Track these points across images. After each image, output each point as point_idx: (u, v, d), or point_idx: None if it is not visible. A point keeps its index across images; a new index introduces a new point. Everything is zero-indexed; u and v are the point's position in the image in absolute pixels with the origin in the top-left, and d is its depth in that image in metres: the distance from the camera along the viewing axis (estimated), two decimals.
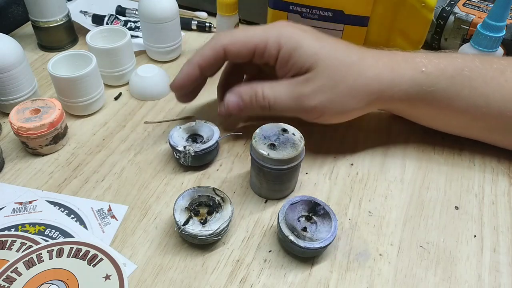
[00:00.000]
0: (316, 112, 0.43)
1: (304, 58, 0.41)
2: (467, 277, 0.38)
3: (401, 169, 0.47)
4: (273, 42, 0.42)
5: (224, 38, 0.43)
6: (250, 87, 0.43)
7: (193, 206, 0.40)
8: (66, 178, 0.46)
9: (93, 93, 0.52)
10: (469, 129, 0.48)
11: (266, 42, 0.42)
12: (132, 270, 0.38)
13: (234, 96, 0.43)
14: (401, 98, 0.44)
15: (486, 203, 0.44)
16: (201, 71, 0.44)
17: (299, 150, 0.40)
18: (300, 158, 0.40)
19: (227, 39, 0.43)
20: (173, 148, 0.45)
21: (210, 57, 0.43)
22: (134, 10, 0.71)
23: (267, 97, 0.42)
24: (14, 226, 0.41)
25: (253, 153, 0.41)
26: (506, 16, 0.49)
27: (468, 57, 0.45)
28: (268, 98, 0.42)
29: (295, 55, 0.42)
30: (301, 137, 0.41)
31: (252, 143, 0.41)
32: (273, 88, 0.43)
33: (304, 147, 0.41)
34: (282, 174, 0.41)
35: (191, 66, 0.44)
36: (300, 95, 0.42)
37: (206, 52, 0.43)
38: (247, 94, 0.43)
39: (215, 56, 0.43)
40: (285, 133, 0.41)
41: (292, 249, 0.38)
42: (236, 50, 0.43)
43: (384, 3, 0.52)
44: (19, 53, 0.50)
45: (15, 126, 0.45)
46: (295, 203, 0.40)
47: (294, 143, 0.40)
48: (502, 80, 0.43)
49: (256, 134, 0.41)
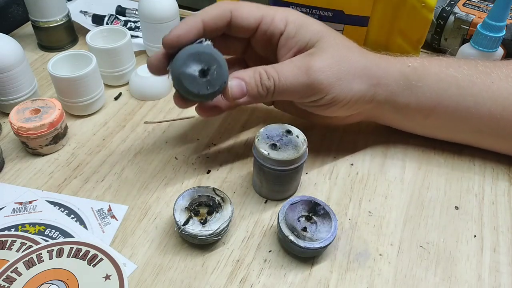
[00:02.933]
0: (323, 90, 0.41)
1: (310, 34, 0.41)
2: (467, 277, 0.38)
3: (401, 169, 0.47)
4: (280, 17, 0.42)
5: (231, 3, 0.42)
6: (252, 69, 0.41)
7: (193, 206, 0.40)
8: (66, 178, 0.46)
9: (93, 93, 0.52)
10: (460, 132, 0.47)
11: (274, 15, 0.42)
12: (132, 270, 0.38)
13: (237, 79, 0.40)
14: (394, 92, 0.44)
15: (486, 203, 0.44)
16: (204, 27, 0.40)
17: (301, 152, 0.40)
18: (301, 160, 0.40)
19: (235, 5, 0.41)
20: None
21: (216, 15, 0.40)
22: (134, 10, 0.71)
23: (271, 75, 0.40)
24: (14, 226, 0.41)
25: (254, 152, 0.41)
26: (506, 16, 0.49)
27: (452, 59, 0.46)
28: (273, 76, 0.40)
29: (301, 31, 0.41)
30: (305, 140, 0.41)
31: (254, 141, 0.41)
32: (276, 67, 0.41)
33: (307, 150, 0.41)
34: (282, 175, 0.41)
35: (194, 19, 0.39)
36: (308, 68, 0.40)
37: (211, 9, 0.41)
38: (250, 76, 0.40)
39: (221, 16, 0.40)
40: (289, 134, 0.41)
41: (292, 249, 0.38)
42: (243, 15, 0.41)
43: (384, 3, 0.52)
44: (19, 53, 0.50)
45: (15, 126, 0.45)
46: (295, 203, 0.40)
47: (296, 145, 0.40)
48: (488, 82, 0.43)
49: (260, 133, 0.41)
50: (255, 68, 0.41)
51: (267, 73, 0.40)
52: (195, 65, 0.37)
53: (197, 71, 0.37)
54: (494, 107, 0.43)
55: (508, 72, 0.44)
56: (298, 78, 0.40)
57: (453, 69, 0.44)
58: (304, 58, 0.41)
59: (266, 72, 0.40)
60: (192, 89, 0.37)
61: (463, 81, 0.44)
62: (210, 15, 0.40)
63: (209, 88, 0.37)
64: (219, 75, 0.37)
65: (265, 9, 0.42)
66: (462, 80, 0.44)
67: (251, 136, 0.51)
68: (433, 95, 0.44)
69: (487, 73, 0.44)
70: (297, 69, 0.40)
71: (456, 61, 0.45)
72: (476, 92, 0.43)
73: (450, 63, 0.45)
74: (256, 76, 0.40)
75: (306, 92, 0.41)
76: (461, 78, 0.44)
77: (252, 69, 0.41)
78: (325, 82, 0.40)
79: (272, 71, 0.40)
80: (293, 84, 0.40)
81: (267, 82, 0.40)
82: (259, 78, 0.40)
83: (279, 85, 0.40)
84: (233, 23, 0.41)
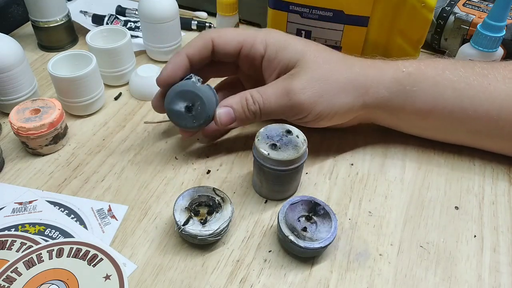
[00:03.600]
0: (306, 109, 0.42)
1: (290, 54, 0.43)
2: (467, 277, 0.38)
3: (401, 169, 0.47)
4: (261, 40, 0.44)
5: (212, 32, 0.45)
6: (238, 95, 0.43)
7: (193, 206, 0.40)
8: (66, 178, 0.46)
9: (93, 93, 0.52)
10: (456, 134, 0.47)
11: (254, 40, 0.44)
12: (132, 270, 0.38)
13: (225, 108, 0.43)
14: (387, 99, 0.44)
15: (486, 203, 0.44)
16: (189, 61, 0.43)
17: (301, 152, 0.40)
18: (301, 160, 0.40)
19: (216, 33, 0.44)
20: None
21: (198, 47, 0.43)
22: (134, 10, 0.71)
23: (256, 100, 0.42)
24: (14, 226, 0.41)
25: (254, 152, 0.41)
26: (506, 16, 0.49)
27: (449, 61, 0.46)
28: (257, 100, 0.42)
29: (281, 52, 0.43)
30: (305, 140, 0.41)
31: (254, 141, 0.41)
32: (260, 91, 0.43)
33: (307, 150, 0.41)
34: (281, 175, 0.41)
35: (179, 57, 0.43)
36: (288, 91, 0.42)
37: (194, 42, 0.44)
38: (236, 103, 0.43)
39: (204, 46, 0.43)
40: (289, 134, 0.41)
41: (292, 249, 0.38)
42: (224, 42, 0.44)
43: (384, 3, 0.52)
44: (19, 53, 0.50)
45: (15, 126, 0.45)
46: (295, 203, 0.40)
47: (296, 145, 0.40)
48: (485, 83, 0.43)
49: (260, 133, 0.41)
50: (242, 94, 0.43)
51: (253, 98, 0.43)
52: (181, 102, 0.42)
53: (183, 108, 0.42)
54: (492, 109, 0.43)
55: (506, 73, 0.44)
56: (280, 101, 0.42)
57: (449, 72, 0.44)
58: (285, 81, 0.43)
59: (252, 97, 0.43)
60: (180, 123, 0.43)
61: (459, 84, 0.44)
62: (193, 49, 0.44)
63: (195, 121, 0.43)
64: (203, 110, 0.42)
65: (246, 33, 0.45)
66: (458, 83, 0.44)
67: (251, 136, 0.51)
68: (428, 98, 0.44)
69: (484, 75, 0.44)
70: (279, 92, 0.42)
71: (453, 63, 0.45)
72: (472, 94, 0.43)
73: (447, 66, 0.45)
74: (243, 102, 0.43)
75: (290, 112, 0.43)
76: (457, 80, 0.44)
77: (239, 95, 0.43)
78: (307, 101, 0.42)
79: (257, 96, 0.43)
80: (276, 107, 0.43)
81: (253, 107, 0.43)
82: (245, 103, 0.43)
83: (264, 108, 0.43)
84: (216, 51, 0.44)
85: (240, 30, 0.45)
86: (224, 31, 0.45)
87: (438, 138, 0.49)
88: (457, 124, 0.45)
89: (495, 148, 0.48)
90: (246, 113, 0.43)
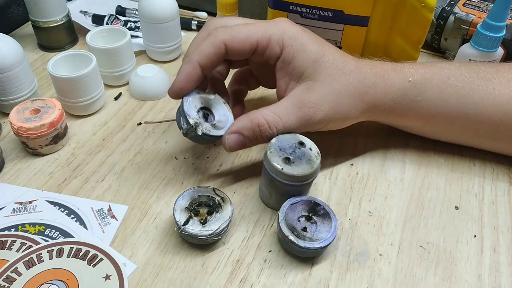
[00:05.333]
0: (322, 123, 0.42)
1: (306, 63, 0.41)
2: (467, 277, 0.38)
3: (401, 169, 0.47)
4: (276, 40, 0.41)
5: (223, 33, 0.40)
6: (248, 120, 0.40)
7: (193, 206, 0.40)
8: (66, 178, 0.46)
9: (93, 93, 0.52)
10: (459, 137, 0.48)
11: (269, 39, 0.41)
12: (132, 270, 0.38)
13: (234, 135, 0.41)
14: (391, 108, 0.44)
15: (486, 203, 0.44)
16: (202, 70, 0.40)
17: (315, 167, 0.39)
18: (314, 175, 0.39)
19: (227, 34, 0.40)
20: (182, 114, 0.40)
21: (211, 54, 0.40)
22: (134, 10, 0.71)
23: (274, 125, 0.40)
24: (14, 226, 0.41)
25: (266, 164, 0.39)
26: (506, 16, 0.49)
27: (453, 66, 0.45)
28: (276, 125, 0.40)
29: (298, 58, 0.41)
30: (318, 153, 0.40)
31: (267, 153, 0.39)
32: (277, 113, 0.40)
33: (320, 164, 0.39)
34: (294, 189, 0.40)
35: (191, 66, 0.40)
36: (306, 113, 0.41)
37: (206, 49, 0.40)
38: (248, 130, 0.40)
39: (217, 53, 0.40)
40: (302, 146, 0.40)
41: (292, 249, 0.38)
42: (238, 46, 0.40)
43: (384, 3, 0.52)
44: (19, 53, 0.50)
45: (15, 126, 0.45)
46: (295, 203, 0.40)
47: (310, 159, 0.39)
48: (490, 88, 0.43)
49: (272, 144, 0.40)
50: (252, 118, 0.40)
51: (268, 123, 0.40)
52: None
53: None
54: (495, 113, 0.43)
55: (510, 77, 0.44)
56: (301, 120, 0.41)
57: (454, 78, 0.44)
58: (302, 96, 0.41)
59: (268, 122, 0.40)
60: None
61: (463, 90, 0.43)
62: (205, 56, 0.40)
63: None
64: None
65: (260, 31, 0.41)
66: (463, 89, 0.43)
67: None
68: (431, 107, 0.44)
69: (488, 79, 0.44)
70: (297, 111, 0.41)
71: (457, 69, 0.44)
72: (477, 100, 0.43)
73: (452, 72, 0.44)
74: (255, 129, 0.40)
75: (306, 128, 0.42)
76: (462, 87, 0.43)
77: (249, 118, 0.41)
78: (325, 118, 0.41)
79: (273, 119, 0.40)
80: (297, 126, 0.41)
81: (269, 131, 0.40)
82: (258, 130, 0.40)
83: (284, 129, 0.41)
84: (229, 54, 0.41)
85: (251, 26, 0.41)
86: (236, 31, 0.41)
87: (439, 139, 0.49)
88: (460, 129, 0.46)
89: (496, 149, 0.48)
90: (259, 140, 0.41)
